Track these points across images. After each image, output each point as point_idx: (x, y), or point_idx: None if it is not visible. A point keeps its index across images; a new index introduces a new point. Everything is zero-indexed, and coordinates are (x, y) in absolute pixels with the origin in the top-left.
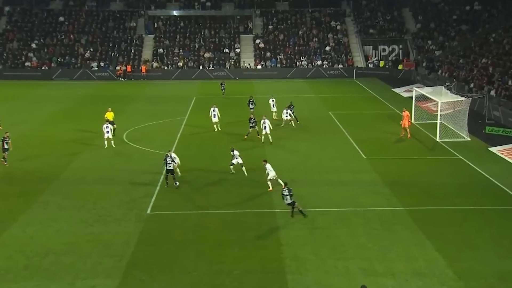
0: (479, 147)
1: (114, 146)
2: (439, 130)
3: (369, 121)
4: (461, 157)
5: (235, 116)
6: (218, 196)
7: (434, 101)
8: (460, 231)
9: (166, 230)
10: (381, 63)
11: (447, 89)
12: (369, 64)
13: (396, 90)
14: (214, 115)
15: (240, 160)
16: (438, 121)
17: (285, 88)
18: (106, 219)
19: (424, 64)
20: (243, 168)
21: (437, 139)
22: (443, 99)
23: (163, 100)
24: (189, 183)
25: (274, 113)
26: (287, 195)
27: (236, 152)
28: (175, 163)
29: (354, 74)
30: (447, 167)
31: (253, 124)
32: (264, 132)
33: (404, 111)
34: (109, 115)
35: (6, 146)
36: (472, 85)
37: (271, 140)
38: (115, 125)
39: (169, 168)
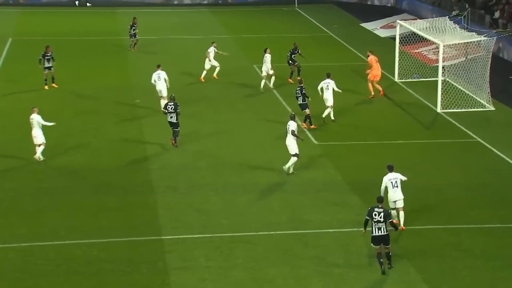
0: (509, 122)
1: None
2: (441, 93)
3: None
4: (479, 140)
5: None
6: (55, 215)
7: (433, 43)
8: (484, 267)
9: None
10: None
11: (455, 22)
12: None
13: (368, 25)
14: (164, 86)
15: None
16: (440, 78)
17: (174, 24)
18: None
19: None
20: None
21: (438, 110)
22: (447, 40)
23: None
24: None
25: (204, 73)
26: (381, 221)
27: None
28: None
29: None
30: (456, 156)
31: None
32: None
33: (371, 53)
34: None
35: None
36: (497, 14)
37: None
38: None
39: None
